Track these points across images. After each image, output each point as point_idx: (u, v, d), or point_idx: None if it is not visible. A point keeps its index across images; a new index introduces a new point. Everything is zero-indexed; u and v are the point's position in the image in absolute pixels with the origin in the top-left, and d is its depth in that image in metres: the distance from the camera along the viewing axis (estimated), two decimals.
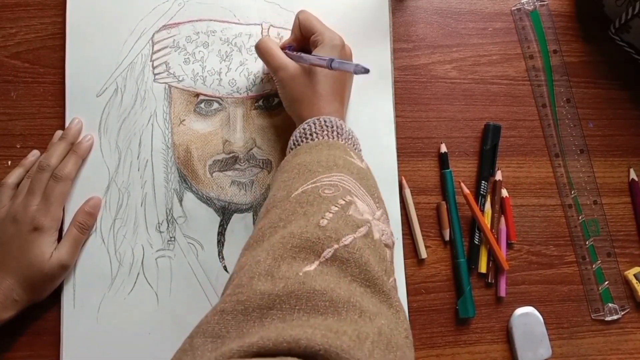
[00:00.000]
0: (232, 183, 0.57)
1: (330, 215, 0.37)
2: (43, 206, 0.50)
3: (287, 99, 0.52)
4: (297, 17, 0.54)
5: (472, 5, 0.65)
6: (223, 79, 0.58)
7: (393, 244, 0.42)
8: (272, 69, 0.52)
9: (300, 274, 0.33)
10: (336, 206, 0.38)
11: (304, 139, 0.47)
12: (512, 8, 0.66)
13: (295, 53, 0.52)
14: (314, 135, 0.47)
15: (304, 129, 0.48)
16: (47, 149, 0.54)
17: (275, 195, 0.41)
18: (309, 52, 0.52)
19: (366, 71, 0.45)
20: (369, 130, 0.59)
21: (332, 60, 0.47)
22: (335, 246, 0.35)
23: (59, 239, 0.52)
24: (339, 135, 0.47)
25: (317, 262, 0.34)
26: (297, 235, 0.35)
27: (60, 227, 0.52)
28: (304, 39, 0.54)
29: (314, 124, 0.48)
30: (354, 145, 0.48)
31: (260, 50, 0.52)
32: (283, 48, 0.54)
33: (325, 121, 0.48)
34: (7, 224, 0.49)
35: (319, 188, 0.40)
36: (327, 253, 0.35)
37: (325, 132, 0.47)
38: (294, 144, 0.48)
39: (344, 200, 0.39)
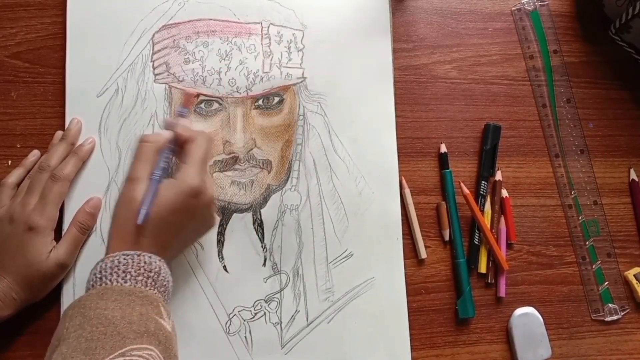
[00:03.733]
0: (232, 183, 0.57)
1: None
2: (39, 206, 0.50)
3: (116, 212, 0.48)
4: (199, 138, 0.49)
5: (472, 5, 0.65)
6: (223, 78, 0.58)
7: None
8: (129, 174, 0.48)
9: None
10: None
11: (115, 276, 0.43)
12: (512, 8, 0.66)
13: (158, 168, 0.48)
14: (128, 276, 0.43)
15: (118, 261, 0.44)
16: (48, 149, 0.54)
17: (73, 358, 0.37)
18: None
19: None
20: (369, 130, 0.59)
21: (146, 205, 0.44)
22: None
23: (59, 238, 0.51)
24: (154, 283, 0.44)
25: None
26: None
27: (60, 227, 0.52)
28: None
29: (132, 260, 0.44)
30: (165, 294, 0.46)
31: (137, 147, 0.49)
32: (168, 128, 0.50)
33: (145, 262, 0.44)
34: (5, 224, 0.49)
35: None
36: None
37: (142, 278, 0.43)
38: (101, 273, 0.43)
39: None
